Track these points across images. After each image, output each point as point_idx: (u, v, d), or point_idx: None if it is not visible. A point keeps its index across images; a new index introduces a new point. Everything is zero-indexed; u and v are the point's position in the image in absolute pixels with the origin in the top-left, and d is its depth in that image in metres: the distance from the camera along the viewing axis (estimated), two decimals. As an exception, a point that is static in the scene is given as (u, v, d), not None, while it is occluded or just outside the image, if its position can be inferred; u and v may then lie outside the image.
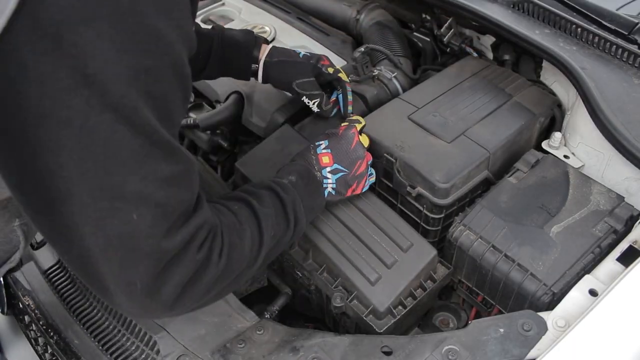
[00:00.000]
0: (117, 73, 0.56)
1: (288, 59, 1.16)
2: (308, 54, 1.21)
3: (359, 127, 1.07)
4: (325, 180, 0.98)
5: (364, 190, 1.06)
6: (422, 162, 1.10)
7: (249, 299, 1.08)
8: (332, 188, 0.99)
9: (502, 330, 0.86)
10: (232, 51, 1.17)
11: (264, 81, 1.19)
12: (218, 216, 0.75)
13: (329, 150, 1.00)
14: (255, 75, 1.19)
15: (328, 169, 0.99)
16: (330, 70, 1.18)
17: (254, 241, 0.80)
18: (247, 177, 1.14)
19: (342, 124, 1.07)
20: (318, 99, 1.16)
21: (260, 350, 0.91)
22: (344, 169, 1.00)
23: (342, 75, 1.20)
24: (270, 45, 1.20)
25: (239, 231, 0.78)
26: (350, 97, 1.17)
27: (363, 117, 1.19)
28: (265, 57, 1.17)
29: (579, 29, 1.26)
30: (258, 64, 1.18)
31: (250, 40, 1.18)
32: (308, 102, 1.15)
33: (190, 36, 0.65)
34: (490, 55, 1.45)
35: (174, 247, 0.65)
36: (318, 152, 1.00)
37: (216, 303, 0.92)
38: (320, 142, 1.02)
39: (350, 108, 1.18)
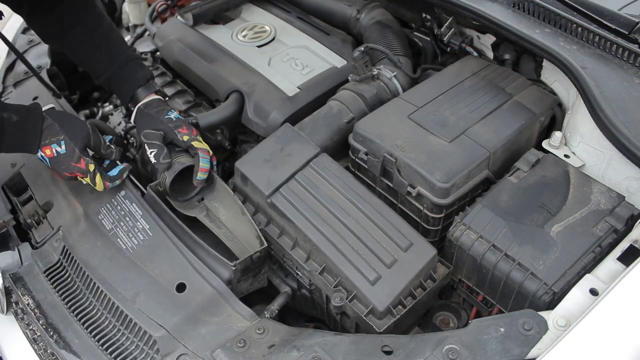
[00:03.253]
0: None
1: (153, 115, 1.23)
2: (181, 118, 1.25)
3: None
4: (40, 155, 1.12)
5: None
6: (422, 161, 1.09)
7: (249, 299, 1.08)
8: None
9: (502, 329, 0.86)
10: (126, 78, 1.28)
11: (134, 122, 1.27)
12: None
13: (55, 154, 1.12)
14: (131, 113, 1.29)
15: (47, 154, 1.12)
16: (185, 138, 1.20)
17: None
18: (247, 176, 1.14)
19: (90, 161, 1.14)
20: (155, 150, 1.18)
21: (260, 350, 0.91)
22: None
23: (197, 144, 1.20)
24: (156, 97, 1.28)
25: None
26: (203, 165, 1.18)
27: (362, 116, 1.19)
28: (141, 105, 1.25)
29: (580, 28, 1.26)
30: (134, 107, 1.27)
31: (142, 82, 1.28)
32: (147, 151, 1.20)
33: None
34: (491, 55, 1.45)
35: None
36: (52, 145, 1.11)
37: (216, 303, 0.92)
38: (61, 146, 1.12)
39: (201, 175, 1.18)
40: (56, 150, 1.11)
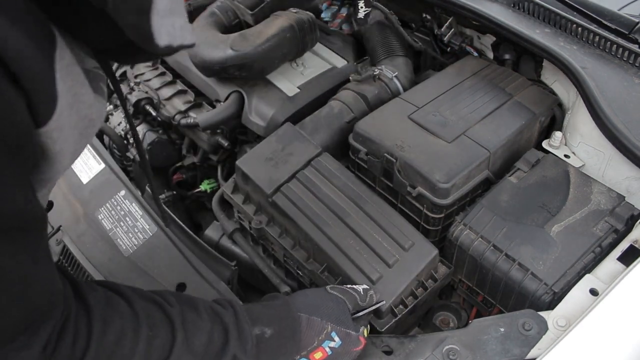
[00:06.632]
0: None
1: None
2: None
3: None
4: None
5: None
6: (422, 162, 1.09)
7: (249, 299, 1.08)
8: None
9: (502, 329, 0.86)
10: None
11: None
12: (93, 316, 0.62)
13: (329, 352, 0.82)
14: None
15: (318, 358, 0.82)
16: None
17: None
18: (248, 175, 1.14)
19: (363, 334, 0.86)
20: None
21: (261, 350, 0.91)
22: None
23: None
24: None
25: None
26: None
27: (363, 116, 1.19)
28: None
29: (580, 29, 1.26)
30: None
31: None
32: None
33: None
34: (491, 55, 1.45)
35: None
36: (323, 345, 0.81)
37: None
38: (334, 338, 0.82)
39: None
40: (330, 347, 0.82)
